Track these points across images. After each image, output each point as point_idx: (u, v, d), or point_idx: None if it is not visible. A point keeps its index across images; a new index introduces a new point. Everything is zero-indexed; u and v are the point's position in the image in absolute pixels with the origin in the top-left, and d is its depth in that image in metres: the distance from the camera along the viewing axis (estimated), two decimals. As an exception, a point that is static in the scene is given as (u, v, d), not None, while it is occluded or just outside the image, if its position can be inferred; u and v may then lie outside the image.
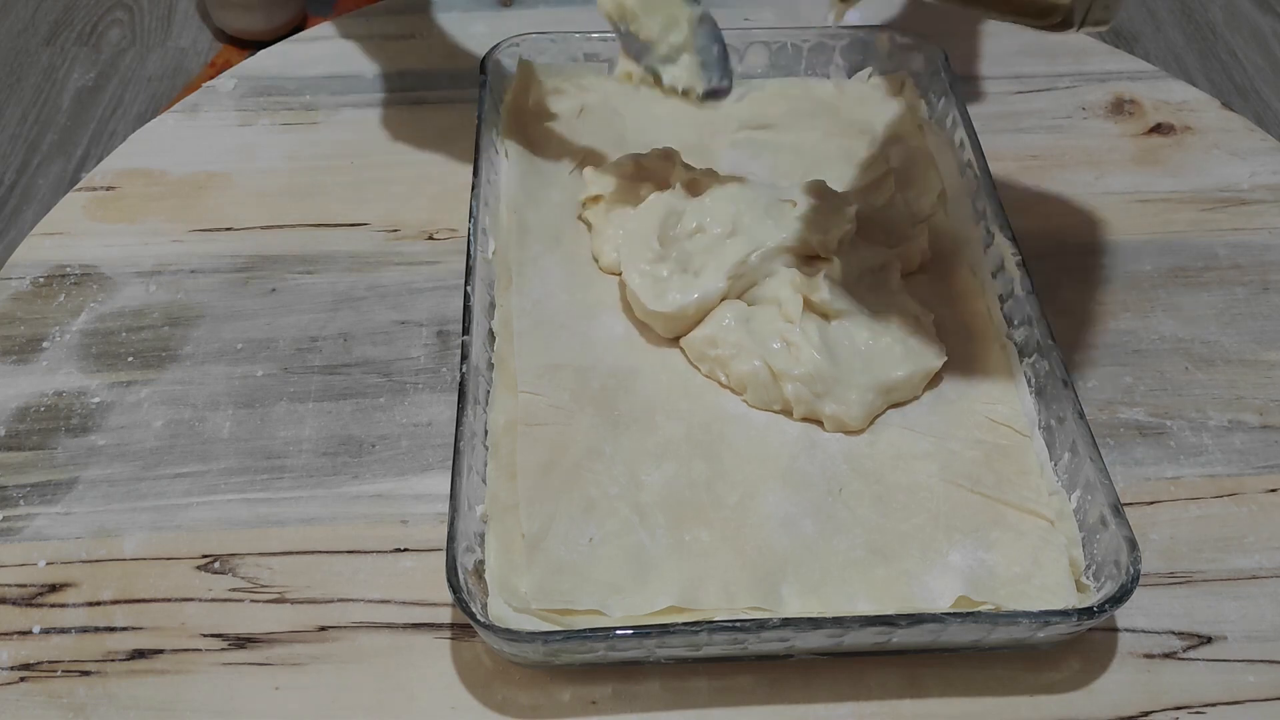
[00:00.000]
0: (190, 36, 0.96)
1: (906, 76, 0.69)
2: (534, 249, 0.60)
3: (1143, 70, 0.75)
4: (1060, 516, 0.49)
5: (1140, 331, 0.60)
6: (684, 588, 0.47)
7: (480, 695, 0.47)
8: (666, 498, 0.50)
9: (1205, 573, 0.51)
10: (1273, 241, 0.65)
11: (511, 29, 0.69)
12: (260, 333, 0.60)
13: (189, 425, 0.56)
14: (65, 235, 0.64)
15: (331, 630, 0.49)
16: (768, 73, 0.70)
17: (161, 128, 0.71)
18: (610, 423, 0.53)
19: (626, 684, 0.47)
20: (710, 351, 0.54)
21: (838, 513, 0.50)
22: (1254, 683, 0.47)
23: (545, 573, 0.47)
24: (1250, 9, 1.04)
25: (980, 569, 0.48)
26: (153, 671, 0.47)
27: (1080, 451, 0.49)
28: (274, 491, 0.53)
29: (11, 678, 0.47)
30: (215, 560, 0.51)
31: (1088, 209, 0.66)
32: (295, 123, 0.71)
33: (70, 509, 0.52)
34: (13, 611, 0.49)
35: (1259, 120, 0.92)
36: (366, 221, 0.65)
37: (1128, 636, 0.49)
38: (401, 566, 0.51)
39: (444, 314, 0.60)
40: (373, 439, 0.55)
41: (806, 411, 0.53)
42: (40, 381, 0.57)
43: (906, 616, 0.44)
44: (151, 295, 0.61)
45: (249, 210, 0.66)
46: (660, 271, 0.56)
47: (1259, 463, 0.55)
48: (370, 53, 0.75)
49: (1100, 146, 0.70)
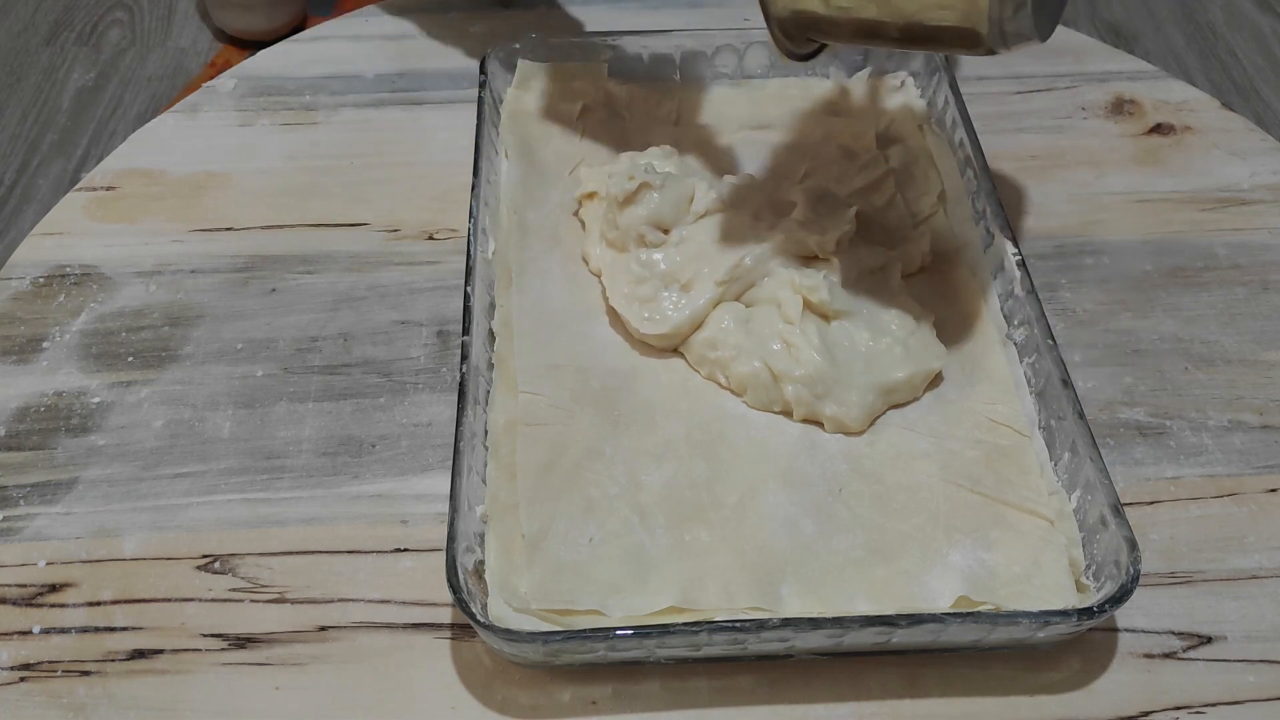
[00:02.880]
0: (190, 36, 0.96)
1: (906, 76, 0.69)
2: (534, 249, 0.60)
3: (1143, 70, 0.75)
4: (1060, 516, 0.49)
5: (1140, 331, 0.60)
6: (684, 588, 0.47)
7: (480, 695, 0.47)
8: (666, 498, 0.50)
9: (1205, 573, 0.51)
10: (1273, 241, 0.65)
11: (511, 29, 0.69)
12: (260, 333, 0.60)
13: (189, 425, 0.56)
14: (65, 235, 0.64)
15: (331, 630, 0.49)
16: (768, 73, 0.70)
17: (161, 128, 0.71)
18: (610, 423, 0.53)
19: (626, 684, 0.47)
20: (710, 354, 0.54)
21: (838, 513, 0.50)
22: (1254, 683, 0.47)
23: (545, 573, 0.47)
24: (1250, 9, 1.04)
25: (980, 569, 0.48)
26: (153, 671, 0.47)
27: (1080, 451, 0.49)
28: (274, 491, 0.53)
29: (11, 678, 0.47)
30: (215, 560, 0.51)
31: (1088, 209, 0.66)
32: (295, 123, 0.71)
33: (70, 509, 0.52)
34: (13, 611, 0.49)
35: (1259, 120, 0.92)
36: (366, 221, 0.65)
37: (1128, 636, 0.49)
38: (401, 566, 0.51)
39: (444, 314, 0.60)
40: (373, 439, 0.55)
41: (807, 413, 0.53)
42: (40, 381, 0.57)
43: (906, 616, 0.44)
44: (151, 295, 0.61)
45: (249, 210, 0.66)
46: (644, 292, 0.56)
47: (1259, 463, 0.55)
48: (370, 53, 0.75)
49: (1100, 146, 0.70)
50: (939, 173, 0.64)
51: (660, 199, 0.57)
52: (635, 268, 0.56)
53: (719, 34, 0.68)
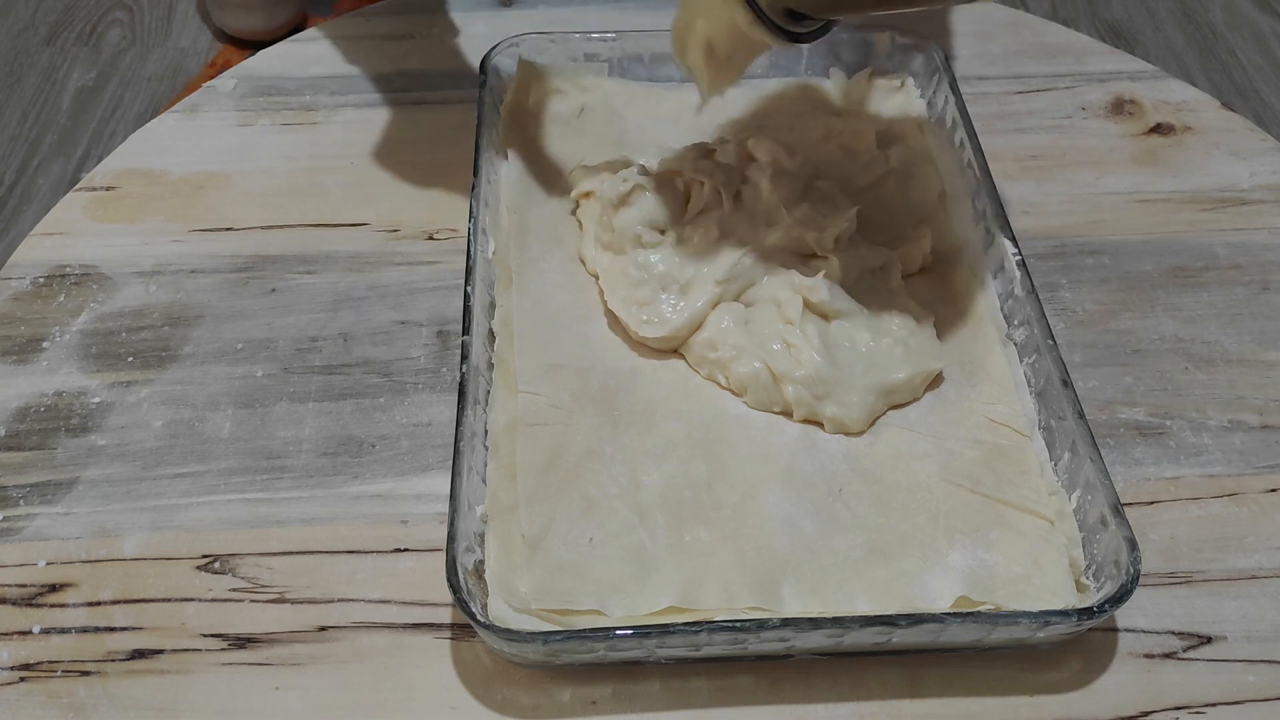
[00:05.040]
0: (190, 36, 0.96)
1: (906, 76, 0.69)
2: (534, 249, 0.60)
3: (1143, 70, 0.75)
4: (1060, 516, 0.49)
5: (1140, 331, 0.60)
6: (684, 588, 0.47)
7: (480, 695, 0.47)
8: (666, 498, 0.50)
9: (1205, 573, 0.51)
10: (1273, 241, 0.65)
11: (511, 29, 0.69)
12: (260, 333, 0.60)
13: (189, 425, 0.56)
14: (65, 235, 0.64)
15: (331, 630, 0.49)
16: (768, 73, 0.70)
17: (161, 128, 0.71)
18: (610, 423, 0.53)
19: (626, 684, 0.47)
20: (710, 354, 0.54)
21: (838, 513, 0.50)
22: (1254, 683, 0.47)
23: (545, 573, 0.47)
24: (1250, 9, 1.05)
25: (980, 569, 0.48)
26: (153, 671, 0.47)
27: (1080, 451, 0.49)
28: (274, 491, 0.53)
29: (11, 678, 0.47)
30: (215, 560, 0.51)
31: (1088, 209, 0.66)
32: (295, 123, 0.71)
33: (70, 509, 0.52)
34: (13, 611, 0.49)
35: (1259, 120, 0.92)
36: (366, 221, 0.65)
37: (1128, 636, 0.49)
38: (401, 566, 0.51)
39: (444, 314, 0.60)
40: (373, 439, 0.55)
41: (807, 413, 0.53)
42: (40, 381, 0.57)
43: (906, 616, 0.44)
44: (151, 295, 0.61)
45: (249, 210, 0.66)
46: (642, 294, 0.56)
47: (1259, 463, 0.55)
48: (370, 53, 0.75)
49: (1100, 146, 0.70)
50: (939, 173, 0.64)
51: (654, 200, 0.57)
52: (632, 270, 0.56)
53: (719, 34, 0.68)
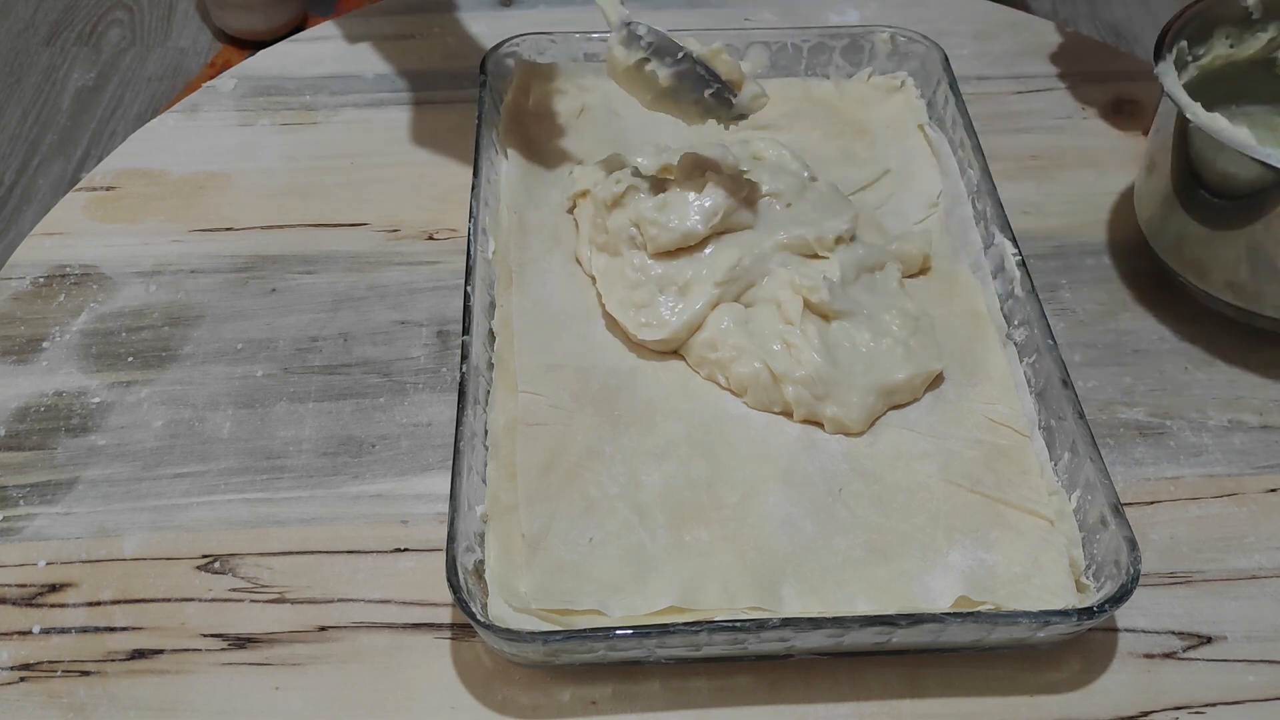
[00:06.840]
0: (190, 36, 0.96)
1: (906, 76, 0.69)
2: (534, 249, 0.60)
3: (1143, 70, 0.75)
4: (1060, 516, 0.49)
5: (1140, 331, 0.60)
6: (684, 588, 0.47)
7: (480, 695, 0.47)
8: (666, 498, 0.50)
9: (1205, 573, 0.51)
10: (1273, 241, 0.65)
11: (511, 29, 0.69)
12: (260, 333, 0.60)
13: (189, 425, 0.56)
14: (65, 235, 0.64)
15: (331, 630, 0.49)
16: (768, 73, 0.70)
17: (161, 128, 0.71)
18: (610, 423, 0.53)
19: (626, 684, 0.47)
20: (710, 355, 0.54)
21: (838, 513, 0.50)
22: (1254, 683, 0.47)
23: (545, 573, 0.47)
24: (1250, 9, 1.04)
25: (980, 569, 0.48)
26: (153, 671, 0.47)
27: (1080, 451, 0.49)
28: (274, 491, 0.53)
29: (11, 678, 0.47)
30: (215, 560, 0.51)
31: (1088, 209, 0.66)
32: (295, 123, 0.71)
33: (70, 509, 0.52)
34: (13, 611, 0.49)
35: (1259, 120, 0.91)
36: (366, 221, 0.65)
37: (1128, 636, 0.49)
38: (401, 566, 0.51)
39: (444, 314, 0.60)
40: (373, 439, 0.55)
41: (807, 413, 0.53)
42: (40, 381, 0.57)
43: (906, 616, 0.44)
44: (151, 295, 0.61)
45: (249, 210, 0.66)
46: (641, 297, 0.55)
47: (1259, 463, 0.55)
48: (370, 53, 0.75)
49: (1100, 146, 0.70)
50: (939, 173, 0.64)
51: (648, 201, 0.56)
52: (630, 273, 0.56)
53: (719, 34, 0.68)
